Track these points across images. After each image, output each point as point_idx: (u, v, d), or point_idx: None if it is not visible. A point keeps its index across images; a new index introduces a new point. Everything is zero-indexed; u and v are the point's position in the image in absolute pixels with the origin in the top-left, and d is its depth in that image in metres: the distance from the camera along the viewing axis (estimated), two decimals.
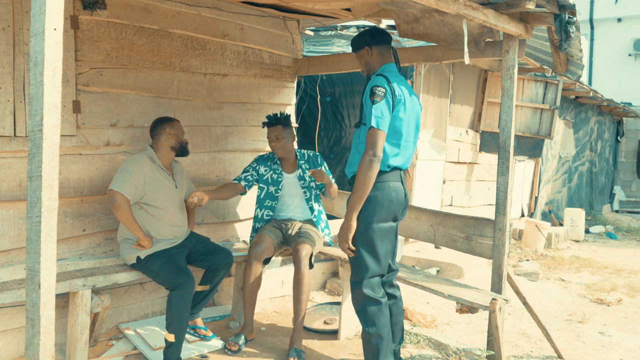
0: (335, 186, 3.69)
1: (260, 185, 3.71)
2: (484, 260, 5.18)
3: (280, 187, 3.66)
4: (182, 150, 3.25)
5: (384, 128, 2.57)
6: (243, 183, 3.63)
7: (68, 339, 2.91)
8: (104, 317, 3.06)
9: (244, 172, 3.69)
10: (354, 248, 2.68)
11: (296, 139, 3.66)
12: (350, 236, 2.65)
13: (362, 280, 2.71)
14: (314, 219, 3.70)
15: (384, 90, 2.58)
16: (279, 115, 3.60)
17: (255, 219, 3.73)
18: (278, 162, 3.69)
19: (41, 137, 1.57)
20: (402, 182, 2.78)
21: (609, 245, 8.33)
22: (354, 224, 2.64)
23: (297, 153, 3.70)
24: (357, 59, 2.92)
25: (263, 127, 3.66)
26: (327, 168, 3.73)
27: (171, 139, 3.19)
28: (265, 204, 3.69)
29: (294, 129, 3.63)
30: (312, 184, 3.67)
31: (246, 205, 4.20)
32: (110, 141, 3.35)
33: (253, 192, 4.25)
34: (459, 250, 3.50)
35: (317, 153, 3.73)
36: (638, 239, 8.99)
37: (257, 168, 3.69)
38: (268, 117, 3.63)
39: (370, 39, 2.82)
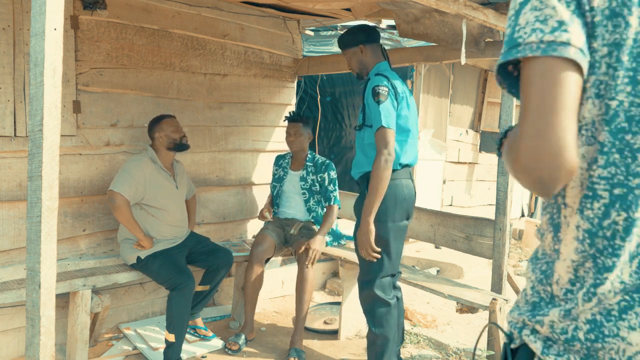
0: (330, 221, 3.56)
1: (274, 184, 3.78)
2: (484, 260, 5.17)
3: (282, 184, 3.69)
4: (178, 147, 3.21)
5: (393, 126, 2.53)
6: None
7: (68, 339, 2.92)
8: (104, 317, 3.06)
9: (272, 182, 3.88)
10: (379, 250, 2.58)
11: (311, 139, 3.68)
12: (372, 239, 2.54)
13: (374, 280, 2.66)
14: (312, 220, 3.69)
15: (387, 89, 2.55)
16: (301, 114, 3.65)
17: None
18: (289, 160, 3.74)
19: (41, 137, 1.57)
20: (411, 179, 2.76)
21: None
22: (373, 227, 2.53)
23: (309, 154, 3.68)
24: (348, 56, 2.79)
25: (284, 120, 3.72)
26: (333, 177, 3.58)
27: (163, 140, 3.17)
28: (275, 202, 3.77)
29: (310, 132, 3.66)
30: (315, 188, 3.65)
31: (246, 205, 4.20)
32: (110, 141, 3.35)
33: (254, 192, 4.26)
34: (459, 250, 3.50)
35: (330, 162, 3.64)
36: None
37: (273, 171, 3.83)
38: (292, 112, 3.69)
39: (365, 38, 2.73)
